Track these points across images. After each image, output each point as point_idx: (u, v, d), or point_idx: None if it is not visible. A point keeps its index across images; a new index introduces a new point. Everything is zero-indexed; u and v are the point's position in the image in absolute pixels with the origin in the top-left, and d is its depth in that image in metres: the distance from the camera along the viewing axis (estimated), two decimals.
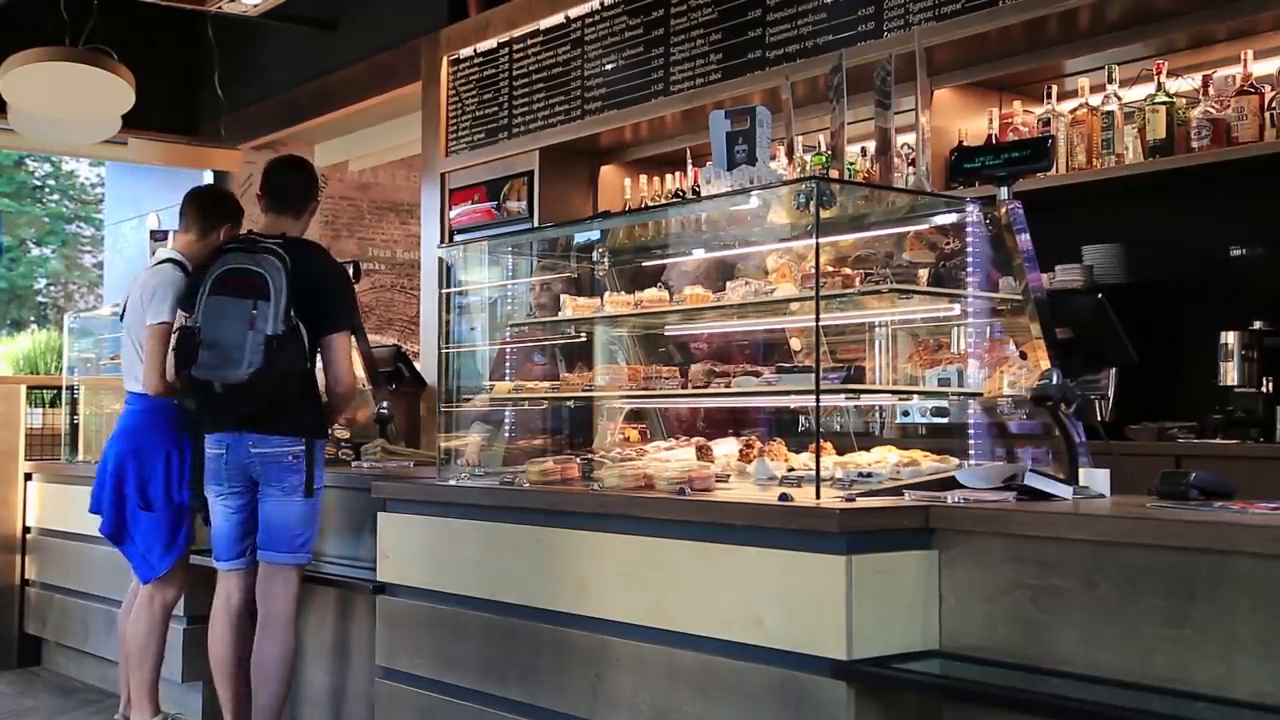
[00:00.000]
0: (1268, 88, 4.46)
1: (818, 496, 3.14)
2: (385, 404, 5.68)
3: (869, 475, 3.35)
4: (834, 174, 4.17)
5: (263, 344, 4.12)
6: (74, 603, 6.30)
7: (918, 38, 4.16)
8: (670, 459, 3.86)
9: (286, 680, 4.35)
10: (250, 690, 4.36)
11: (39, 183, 19.20)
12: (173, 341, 4.42)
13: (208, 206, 5.06)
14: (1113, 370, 4.49)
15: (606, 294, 4.37)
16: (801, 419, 4.08)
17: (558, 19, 6.59)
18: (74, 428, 6.97)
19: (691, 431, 4.36)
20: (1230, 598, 2.47)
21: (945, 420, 3.80)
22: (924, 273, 3.62)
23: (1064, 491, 3.18)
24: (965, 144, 4.97)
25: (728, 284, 3.88)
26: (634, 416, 4.58)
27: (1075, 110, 4.89)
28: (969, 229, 3.60)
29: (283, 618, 4.33)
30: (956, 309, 3.69)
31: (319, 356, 4.37)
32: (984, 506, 2.98)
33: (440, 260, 5.25)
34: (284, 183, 4.56)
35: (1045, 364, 3.42)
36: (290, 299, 4.16)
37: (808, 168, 5.21)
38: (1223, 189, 4.68)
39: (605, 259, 4.63)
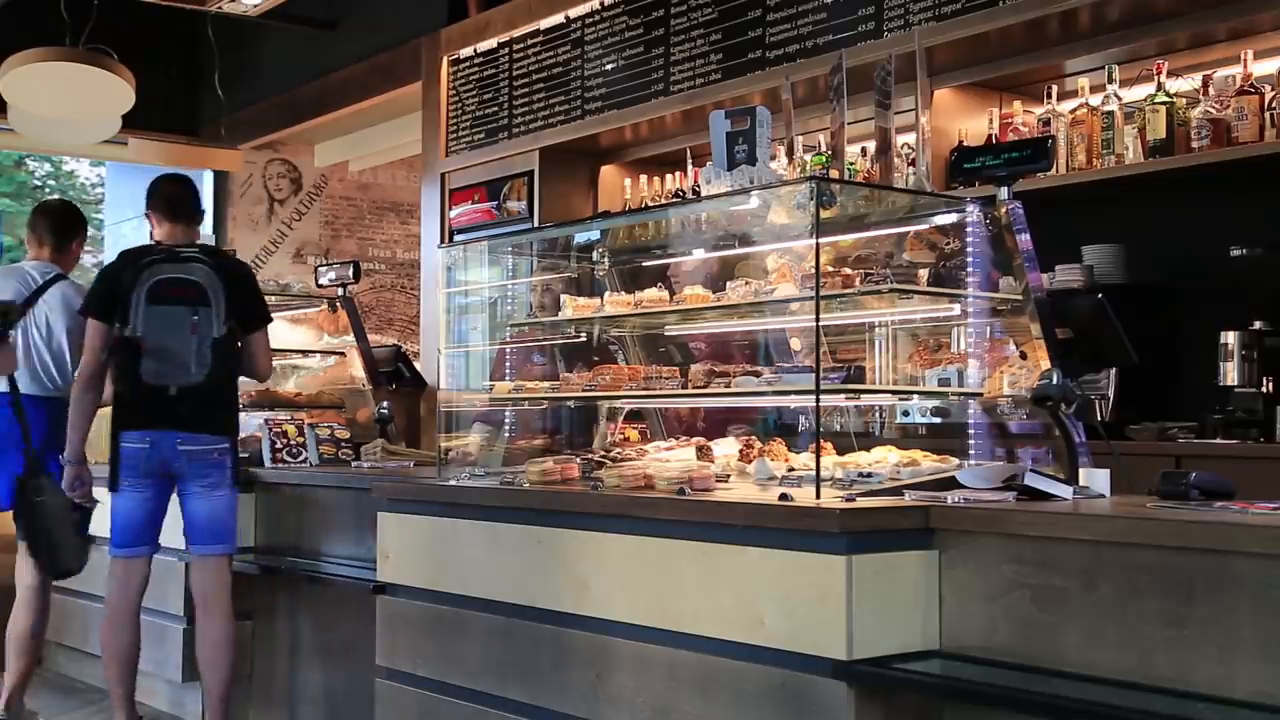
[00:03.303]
0: (1268, 88, 4.46)
1: (818, 496, 3.14)
2: (385, 404, 5.68)
3: (869, 475, 3.35)
4: (834, 174, 4.17)
5: (210, 347, 4.42)
6: (74, 603, 6.28)
7: (918, 38, 4.17)
8: (670, 459, 3.85)
9: (235, 662, 4.60)
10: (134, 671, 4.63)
11: (39, 183, 19.17)
12: (95, 348, 4.54)
13: (65, 220, 5.22)
14: (1113, 370, 4.49)
15: (607, 294, 4.37)
16: (801, 419, 4.08)
17: (558, 19, 6.59)
18: None
19: (691, 431, 4.35)
20: (1230, 598, 2.47)
21: (945, 420, 3.80)
22: (924, 273, 3.62)
23: (1064, 491, 3.17)
24: (965, 144, 4.96)
25: (728, 284, 3.88)
26: (634, 416, 4.58)
27: (1075, 110, 4.89)
28: (969, 229, 3.60)
29: (225, 604, 4.59)
30: (956, 309, 3.69)
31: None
32: (984, 506, 2.97)
33: (440, 260, 5.25)
34: (183, 194, 4.77)
35: (1045, 364, 3.42)
36: (227, 303, 4.46)
37: (808, 168, 5.21)
38: (1223, 189, 4.68)
39: (605, 259, 4.63)
